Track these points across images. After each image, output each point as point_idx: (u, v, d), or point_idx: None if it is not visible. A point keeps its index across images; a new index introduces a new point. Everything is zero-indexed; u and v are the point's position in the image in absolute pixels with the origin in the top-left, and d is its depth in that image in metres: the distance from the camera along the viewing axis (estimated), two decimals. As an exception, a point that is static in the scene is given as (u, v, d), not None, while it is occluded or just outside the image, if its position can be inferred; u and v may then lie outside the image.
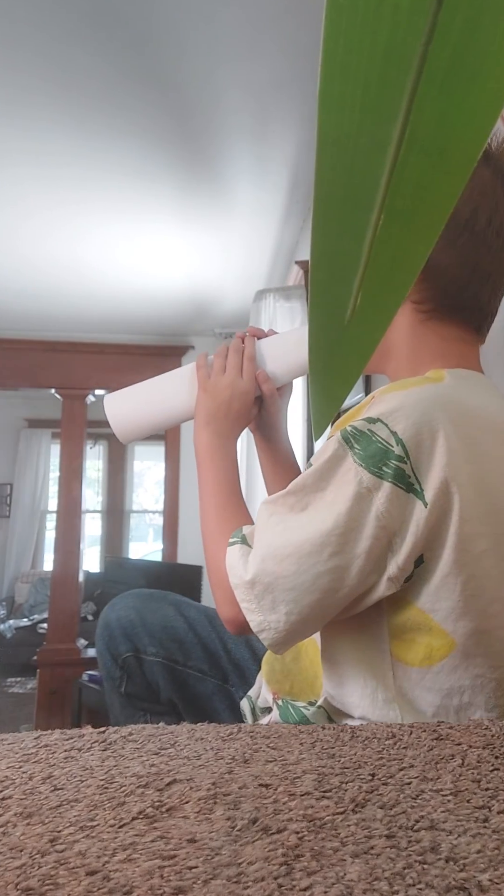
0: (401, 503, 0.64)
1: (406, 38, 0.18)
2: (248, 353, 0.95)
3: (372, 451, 0.65)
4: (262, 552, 0.70)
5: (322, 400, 0.29)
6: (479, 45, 0.18)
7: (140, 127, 2.09)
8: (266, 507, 0.73)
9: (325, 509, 0.67)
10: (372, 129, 0.20)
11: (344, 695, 0.73)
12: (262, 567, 0.69)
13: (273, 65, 1.80)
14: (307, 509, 0.69)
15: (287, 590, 0.67)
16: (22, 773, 0.48)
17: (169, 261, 3.12)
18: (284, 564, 0.67)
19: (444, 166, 0.20)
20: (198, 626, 1.11)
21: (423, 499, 0.64)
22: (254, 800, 0.41)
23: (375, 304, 0.24)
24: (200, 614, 1.13)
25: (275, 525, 0.70)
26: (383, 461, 0.64)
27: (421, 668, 0.68)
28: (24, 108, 1.99)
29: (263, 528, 0.72)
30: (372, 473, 0.64)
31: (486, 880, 0.32)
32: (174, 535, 4.28)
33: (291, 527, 0.69)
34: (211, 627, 1.12)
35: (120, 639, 1.08)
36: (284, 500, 0.71)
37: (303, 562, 0.66)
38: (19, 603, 6.25)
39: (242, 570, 0.71)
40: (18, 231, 2.82)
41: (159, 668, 1.07)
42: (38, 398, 5.74)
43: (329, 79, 0.19)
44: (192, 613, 1.13)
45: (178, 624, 1.11)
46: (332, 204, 0.22)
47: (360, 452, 0.65)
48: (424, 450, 0.64)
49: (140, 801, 0.42)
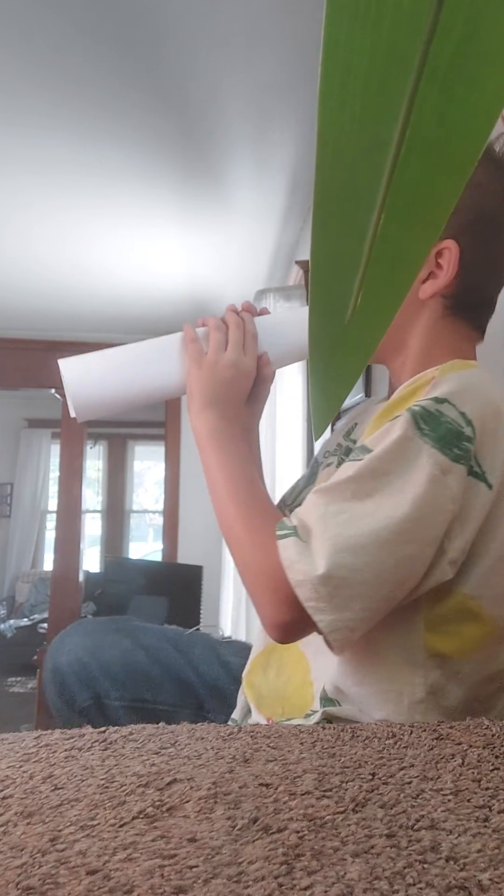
0: (466, 486, 0.63)
1: (407, 38, 0.18)
2: (251, 331, 0.85)
3: (442, 432, 0.63)
4: (331, 543, 0.62)
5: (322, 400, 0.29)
6: (480, 45, 0.18)
7: (140, 130, 2.09)
8: (320, 496, 0.66)
9: (397, 494, 0.63)
10: (372, 129, 0.20)
11: (363, 697, 0.70)
12: (335, 560, 0.61)
13: (273, 65, 1.80)
14: (373, 495, 0.64)
15: (362, 583, 0.62)
16: (22, 773, 0.48)
17: (169, 261, 3.12)
18: (360, 556, 0.61)
19: (444, 166, 0.20)
20: (161, 654, 0.99)
21: (487, 480, 0.64)
22: (254, 799, 0.41)
23: (375, 304, 0.24)
24: (162, 640, 1.02)
25: (336, 515, 0.64)
26: (455, 443, 0.63)
27: (461, 658, 0.68)
28: (25, 114, 1.99)
29: (323, 519, 0.64)
30: (445, 455, 0.63)
31: (487, 879, 0.32)
32: (174, 535, 4.28)
33: (358, 515, 0.63)
34: (176, 653, 1.00)
35: (75, 686, 0.95)
36: (345, 487, 0.65)
37: (380, 551, 0.62)
38: (19, 603, 6.25)
39: (309, 566, 0.62)
40: (18, 231, 2.82)
41: (126, 713, 0.96)
42: (38, 398, 5.73)
43: (329, 79, 0.19)
44: (151, 641, 1.01)
45: (139, 657, 0.98)
46: (333, 204, 0.22)
47: (431, 434, 0.63)
48: (489, 431, 0.64)
49: (140, 800, 0.42)
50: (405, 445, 0.64)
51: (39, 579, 6.32)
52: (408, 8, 0.18)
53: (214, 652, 1.01)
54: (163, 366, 0.85)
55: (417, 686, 0.68)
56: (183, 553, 4.19)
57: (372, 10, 0.18)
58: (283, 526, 0.67)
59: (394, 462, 0.64)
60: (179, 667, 0.99)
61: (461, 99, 0.19)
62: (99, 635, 1.00)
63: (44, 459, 6.72)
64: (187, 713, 0.97)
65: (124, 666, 0.97)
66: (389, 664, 0.69)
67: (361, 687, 0.70)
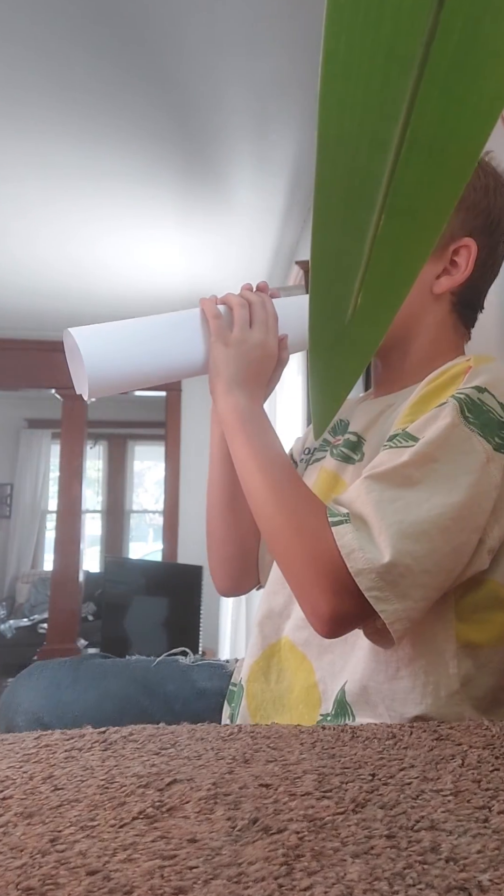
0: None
1: (407, 38, 0.18)
2: (272, 312, 0.83)
3: (485, 420, 0.64)
4: (394, 530, 0.61)
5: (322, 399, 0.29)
6: (481, 46, 0.18)
7: (140, 129, 2.09)
8: (371, 483, 0.65)
9: (449, 480, 0.63)
10: (372, 129, 0.20)
11: (398, 692, 0.69)
12: (399, 547, 0.60)
13: (273, 65, 1.80)
14: (424, 482, 0.63)
15: (423, 571, 0.61)
16: (22, 773, 0.48)
17: (169, 261, 3.12)
18: (421, 543, 0.61)
19: (444, 166, 0.20)
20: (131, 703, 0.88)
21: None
22: (254, 800, 0.41)
23: (376, 304, 0.24)
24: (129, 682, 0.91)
25: (391, 501, 0.63)
26: (497, 431, 0.64)
27: (494, 647, 0.68)
28: (24, 110, 1.99)
29: (379, 505, 0.63)
30: (490, 443, 0.64)
31: (487, 880, 0.32)
32: (174, 535, 4.28)
33: (413, 502, 0.62)
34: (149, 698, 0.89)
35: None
36: (396, 473, 0.64)
37: (440, 538, 0.61)
38: (19, 603, 6.25)
39: (372, 553, 0.60)
40: (18, 231, 2.82)
41: None
42: (38, 398, 5.73)
43: (330, 79, 0.19)
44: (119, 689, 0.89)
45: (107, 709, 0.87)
46: (333, 204, 0.22)
47: (476, 422, 0.64)
48: None
49: (140, 801, 0.42)
50: (453, 433, 0.64)
51: (39, 579, 6.32)
52: (408, 8, 0.18)
53: (188, 682, 0.93)
54: (185, 342, 0.79)
55: (452, 677, 0.67)
56: (183, 553, 4.19)
57: (372, 11, 0.18)
58: (335, 513, 0.65)
59: (443, 449, 0.63)
60: (154, 712, 0.88)
61: (461, 99, 0.19)
62: (58, 690, 0.88)
63: (44, 459, 6.72)
64: None
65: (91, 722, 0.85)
66: (424, 656, 0.68)
67: (395, 682, 0.69)
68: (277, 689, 0.80)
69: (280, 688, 0.80)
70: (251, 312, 0.81)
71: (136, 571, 4.02)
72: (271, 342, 0.81)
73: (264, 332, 0.80)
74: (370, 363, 1.30)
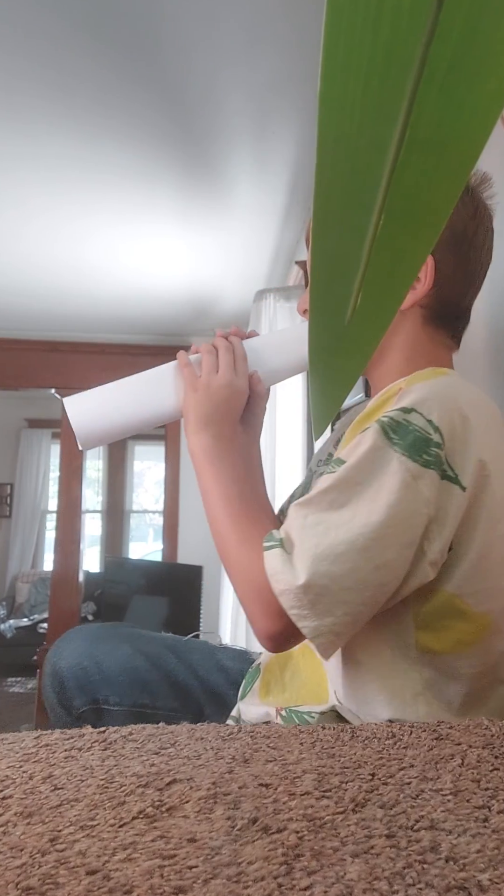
0: (441, 489, 0.66)
1: (407, 39, 0.18)
2: (241, 353, 0.91)
3: (411, 440, 0.66)
4: (311, 553, 0.66)
5: (322, 400, 0.29)
6: (480, 46, 0.18)
7: (140, 128, 2.09)
8: (299, 509, 0.69)
9: (371, 502, 0.65)
10: (372, 129, 0.20)
11: (367, 695, 0.72)
12: (315, 569, 0.65)
13: (273, 65, 1.80)
14: (348, 505, 0.66)
15: (344, 589, 0.64)
16: (22, 773, 0.48)
17: (169, 261, 3.12)
18: (339, 563, 0.64)
19: (444, 166, 0.20)
20: (161, 661, 1.01)
21: (460, 483, 0.66)
22: (254, 799, 0.41)
23: (375, 304, 0.24)
24: (160, 647, 1.04)
25: (314, 525, 0.67)
26: (424, 449, 0.65)
27: (453, 653, 0.70)
28: (24, 110, 1.99)
29: (302, 530, 0.68)
30: (415, 462, 0.65)
31: (486, 880, 0.32)
32: (174, 535, 4.28)
33: (335, 524, 0.66)
34: (176, 659, 1.02)
35: (74, 691, 0.96)
36: (321, 499, 0.68)
37: (358, 558, 0.64)
38: (19, 603, 6.25)
39: (291, 576, 0.66)
40: (18, 232, 2.82)
41: (125, 718, 0.96)
42: (38, 398, 5.73)
43: (329, 79, 0.19)
44: (151, 648, 1.03)
45: (139, 663, 0.99)
46: (333, 204, 0.22)
47: (400, 442, 0.66)
48: (458, 437, 0.67)
49: (140, 800, 0.42)
50: (376, 455, 0.66)
51: (39, 579, 6.32)
52: (407, 8, 0.18)
53: (213, 657, 1.03)
54: (160, 392, 0.91)
55: (415, 681, 0.70)
56: (183, 553, 4.19)
57: (372, 11, 0.18)
58: (271, 538, 0.70)
59: (366, 471, 0.67)
60: (179, 672, 1.00)
61: (461, 99, 0.19)
62: (99, 641, 1.01)
63: (44, 459, 6.72)
64: (186, 718, 0.97)
65: (124, 671, 0.98)
66: (386, 663, 0.71)
67: (365, 686, 0.72)
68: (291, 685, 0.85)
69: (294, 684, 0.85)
70: (218, 357, 0.89)
71: (136, 571, 4.02)
72: (238, 382, 0.88)
73: (230, 374, 0.88)
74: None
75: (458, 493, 0.66)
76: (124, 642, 1.02)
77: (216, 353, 0.90)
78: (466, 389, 0.74)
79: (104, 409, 0.90)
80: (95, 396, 0.90)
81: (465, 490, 0.66)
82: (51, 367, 4.12)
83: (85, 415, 0.89)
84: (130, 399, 0.90)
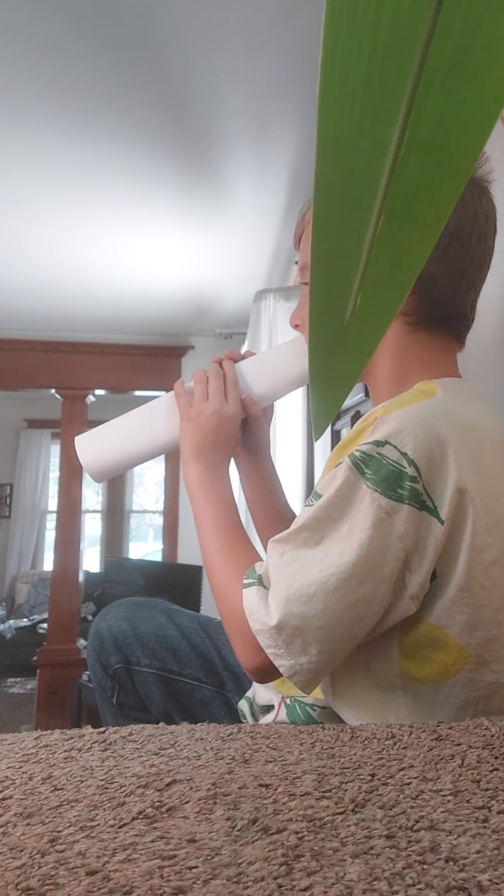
0: (418, 523, 0.64)
1: (406, 39, 0.18)
2: (231, 378, 0.92)
3: (384, 474, 0.64)
4: (284, 594, 0.66)
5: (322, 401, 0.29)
6: (480, 46, 0.18)
7: (140, 129, 2.09)
8: (276, 546, 0.70)
9: (345, 540, 0.65)
10: (372, 129, 0.20)
11: (353, 718, 0.72)
12: (287, 610, 0.65)
13: (273, 65, 1.80)
14: (322, 543, 0.66)
15: (317, 628, 0.65)
16: (22, 774, 0.48)
17: (169, 261, 3.12)
18: (311, 604, 0.64)
19: (444, 166, 0.20)
20: (191, 633, 1.08)
21: (438, 516, 0.64)
22: (254, 800, 0.41)
23: (375, 305, 0.24)
24: (193, 621, 1.11)
25: (289, 564, 0.67)
26: (398, 483, 0.63)
27: (435, 684, 0.68)
28: (25, 112, 1.99)
29: (277, 569, 0.68)
30: (388, 497, 0.63)
31: (486, 880, 0.32)
32: (174, 535, 4.28)
33: (309, 563, 0.66)
34: (204, 634, 1.09)
35: (111, 650, 1.05)
36: (297, 536, 0.68)
37: (330, 597, 0.64)
38: (19, 603, 6.25)
39: (265, 616, 0.67)
40: (19, 232, 2.82)
41: (153, 679, 1.05)
42: (38, 398, 5.73)
43: (329, 79, 0.19)
44: (184, 621, 1.10)
45: (171, 632, 1.08)
46: (332, 204, 0.22)
47: (373, 477, 0.64)
48: (435, 467, 0.64)
49: (140, 801, 0.42)
50: (349, 491, 0.65)
51: (39, 579, 6.31)
52: (407, 9, 0.18)
53: None
54: (158, 425, 0.94)
55: (399, 706, 0.69)
56: (183, 553, 4.19)
57: (371, 11, 0.18)
58: (251, 574, 0.72)
59: (339, 508, 0.66)
60: (206, 647, 1.08)
61: (461, 100, 0.19)
62: (138, 610, 1.10)
63: (44, 459, 6.72)
64: (209, 690, 1.06)
65: (157, 638, 1.07)
66: (372, 690, 0.71)
67: (350, 710, 0.72)
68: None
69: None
70: (208, 385, 0.91)
71: (136, 571, 4.02)
72: (227, 408, 0.90)
73: (219, 401, 0.90)
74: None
75: (436, 525, 0.64)
76: (161, 613, 1.10)
77: (206, 381, 0.91)
78: (455, 410, 0.70)
79: (109, 445, 0.95)
80: (101, 433, 0.96)
81: (444, 523, 0.64)
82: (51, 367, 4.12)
83: (92, 452, 0.94)
84: (132, 433, 0.95)
